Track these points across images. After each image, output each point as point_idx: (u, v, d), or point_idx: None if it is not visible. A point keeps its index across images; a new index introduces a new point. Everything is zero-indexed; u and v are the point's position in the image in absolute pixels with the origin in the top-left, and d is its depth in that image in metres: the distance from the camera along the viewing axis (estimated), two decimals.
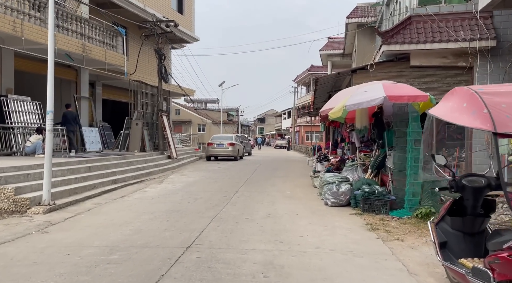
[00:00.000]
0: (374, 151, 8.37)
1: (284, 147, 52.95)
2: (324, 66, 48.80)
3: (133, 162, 13.18)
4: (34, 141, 11.22)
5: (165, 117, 18.09)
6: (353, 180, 8.40)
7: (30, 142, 11.29)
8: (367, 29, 19.24)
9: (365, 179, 7.80)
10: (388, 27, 12.71)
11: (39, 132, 11.66)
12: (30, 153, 11.22)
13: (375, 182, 7.68)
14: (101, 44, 14.10)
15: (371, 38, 19.40)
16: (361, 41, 19.63)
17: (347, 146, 13.38)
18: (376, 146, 8.29)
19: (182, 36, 23.05)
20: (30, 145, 11.24)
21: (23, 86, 13.56)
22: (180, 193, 9.56)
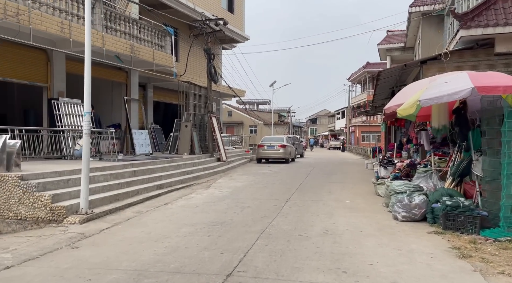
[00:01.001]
0: (454, 154, 6.94)
1: (338, 148, 50.91)
2: (381, 63, 46.18)
3: (180, 165, 12.68)
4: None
5: (214, 118, 17.56)
6: (427, 190, 7.05)
7: (79, 145, 11.15)
8: (433, 18, 17.36)
9: (445, 189, 6.43)
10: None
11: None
12: (79, 157, 11.05)
13: (459, 193, 6.29)
14: (149, 44, 13.81)
15: (438, 28, 17.47)
16: (426, 31, 17.74)
17: (413, 148, 11.82)
18: (457, 148, 6.86)
19: (232, 35, 22.50)
20: (79, 148, 11.09)
21: (74, 89, 13.62)
22: (226, 200, 8.76)
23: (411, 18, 18.54)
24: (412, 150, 12.08)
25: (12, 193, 6.57)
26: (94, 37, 11.13)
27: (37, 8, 9.53)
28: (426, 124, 8.02)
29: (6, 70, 10.69)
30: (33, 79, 11.51)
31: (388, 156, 12.64)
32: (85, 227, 6.17)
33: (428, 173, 7.44)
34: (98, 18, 11.51)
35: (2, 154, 6.88)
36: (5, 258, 4.64)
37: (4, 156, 6.91)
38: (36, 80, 11.58)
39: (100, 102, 15.79)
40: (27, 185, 6.54)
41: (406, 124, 12.40)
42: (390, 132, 19.86)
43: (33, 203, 6.48)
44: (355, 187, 11.06)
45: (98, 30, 11.41)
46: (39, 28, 9.50)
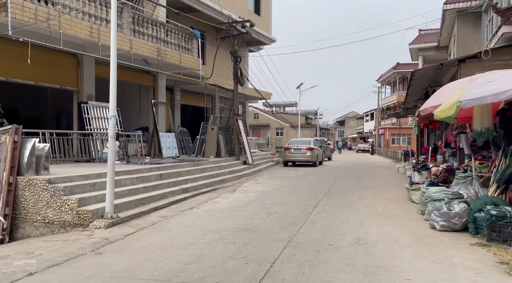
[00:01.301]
0: (498, 159, 6.41)
1: (367, 151, 49.77)
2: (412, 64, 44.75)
3: (206, 168, 12.58)
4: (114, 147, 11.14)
5: (240, 121, 17.42)
6: (468, 198, 6.55)
7: (107, 148, 11.24)
8: (470, 15, 16.55)
9: (489, 197, 5.93)
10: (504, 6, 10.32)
11: (115, 139, 11.60)
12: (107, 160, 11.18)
13: (504, 201, 5.78)
14: (176, 47, 13.84)
15: (475, 25, 16.62)
16: (462, 29, 16.91)
17: (449, 151, 11.19)
18: (501, 153, 6.33)
19: (258, 37, 22.34)
20: (107, 151, 11.19)
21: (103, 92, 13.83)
22: (252, 205, 8.54)
23: (445, 16, 17.76)
24: (448, 154, 11.46)
25: (40, 197, 6.61)
26: (122, 41, 11.23)
27: (67, 13, 9.68)
28: (465, 126, 7.50)
29: (39, 74, 10.94)
30: (64, 83, 11.74)
31: (422, 160, 12.04)
32: (110, 232, 6.10)
33: (468, 179, 6.93)
34: (126, 22, 11.61)
35: (31, 158, 6.95)
36: (29, 264, 4.60)
37: (33, 160, 6.98)
38: (66, 84, 11.81)
39: (128, 105, 15.99)
40: (54, 188, 6.56)
41: (441, 127, 11.79)
42: (423, 135, 19.07)
43: (60, 207, 6.49)
44: (387, 192, 10.57)
45: (126, 34, 11.50)
46: (68, 32, 9.64)
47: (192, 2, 17.50)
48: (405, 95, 16.57)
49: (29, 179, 6.71)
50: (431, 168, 9.84)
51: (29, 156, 6.92)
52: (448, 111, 6.06)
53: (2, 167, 6.77)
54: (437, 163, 11.51)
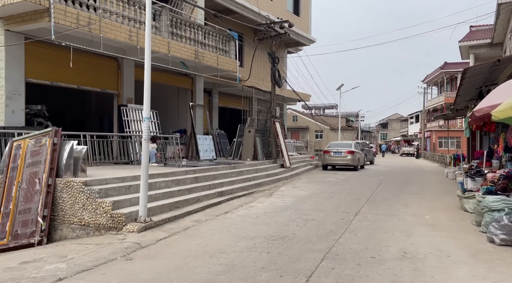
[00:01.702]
0: None
1: (411, 154, 47.60)
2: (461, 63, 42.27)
3: (242, 171, 12.36)
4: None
5: (278, 123, 17.09)
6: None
7: None
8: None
9: None
10: None
11: (153, 141, 11.69)
12: None
13: None
14: (213, 49, 13.79)
15: None
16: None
17: (506, 156, 10.20)
18: None
19: (297, 38, 21.96)
20: None
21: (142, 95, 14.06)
22: (289, 211, 8.17)
23: (500, 10, 16.44)
24: (505, 158, 10.45)
25: (77, 199, 6.65)
26: (160, 43, 11.31)
27: (108, 17, 9.85)
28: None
29: (81, 78, 11.25)
30: (105, 87, 12.01)
31: (475, 165, 11.08)
32: (142, 236, 5.98)
33: None
34: (164, 25, 11.68)
35: (69, 160, 7.03)
36: (59, 269, 4.54)
37: (71, 162, 7.06)
38: (107, 87, 12.07)
39: (167, 108, 16.18)
40: (90, 191, 6.58)
41: (497, 129, 10.81)
42: (474, 138, 17.76)
43: (95, 209, 6.49)
44: (436, 199, 9.80)
45: (164, 36, 11.57)
46: (109, 36, 9.80)
47: (230, 4, 17.48)
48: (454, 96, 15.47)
49: (67, 181, 6.78)
50: (487, 174, 8.98)
51: (67, 158, 7.00)
52: (509, 111, 5.39)
53: (42, 168, 6.90)
54: (492, 168, 10.54)
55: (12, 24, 9.03)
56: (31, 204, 6.72)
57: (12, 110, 9.31)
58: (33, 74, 9.88)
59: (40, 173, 6.88)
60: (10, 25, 9.07)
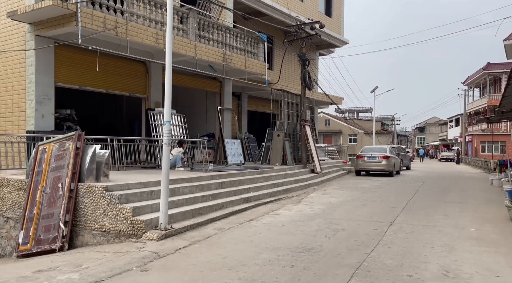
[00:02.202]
0: None
1: (451, 160, 45.35)
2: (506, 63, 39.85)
3: (270, 177, 11.98)
4: (175, 154, 11.11)
5: (308, 127, 16.58)
6: None
7: (171, 155, 11.22)
8: None
9: None
10: None
11: (180, 145, 11.57)
12: (171, 166, 11.15)
13: None
14: (241, 52, 13.55)
15: None
16: None
17: None
18: None
19: (329, 40, 21.39)
20: (171, 157, 11.17)
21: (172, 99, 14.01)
22: (317, 220, 7.69)
23: None
24: None
25: (98, 204, 6.53)
26: (187, 46, 11.19)
27: (134, 20, 9.82)
28: None
29: (109, 82, 11.32)
30: (133, 91, 12.04)
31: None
32: (161, 245, 5.74)
33: None
34: (191, 27, 11.56)
35: (92, 164, 6.95)
36: (71, 279, 4.35)
37: (93, 166, 6.97)
38: (136, 91, 12.10)
39: (195, 112, 16.11)
40: (111, 196, 6.43)
41: None
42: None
43: (115, 215, 6.33)
44: (480, 209, 8.97)
45: (191, 39, 11.44)
46: (135, 39, 9.77)
47: (259, 6, 17.23)
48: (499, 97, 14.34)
49: (89, 186, 6.68)
50: None
51: (89, 162, 6.91)
52: None
53: (64, 173, 6.84)
54: None
55: (42, 29, 9.17)
56: (54, 209, 6.67)
57: (42, 115, 9.44)
58: (62, 79, 10.01)
59: (63, 177, 6.82)
60: (40, 30, 9.22)
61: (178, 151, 11.28)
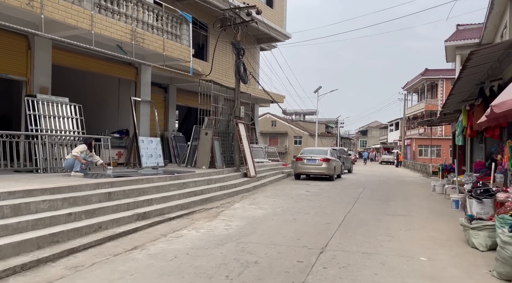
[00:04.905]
0: None
1: (391, 163, 46.11)
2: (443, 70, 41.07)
3: (188, 183, 9.85)
4: (74, 155, 8.56)
5: (242, 125, 14.65)
6: None
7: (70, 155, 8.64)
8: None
9: None
10: None
11: (86, 144, 9.02)
12: (67, 169, 8.60)
13: None
14: (159, 32, 11.27)
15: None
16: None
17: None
18: None
19: (270, 32, 19.67)
20: (69, 158, 8.60)
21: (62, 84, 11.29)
22: (227, 245, 5.70)
23: (494, 3, 14.57)
24: (511, 172, 8.32)
25: None
26: (80, 16, 8.74)
27: None
28: None
29: None
30: (7, 71, 9.30)
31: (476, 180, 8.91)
32: None
33: None
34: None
35: None
36: None
37: None
38: (11, 72, 9.36)
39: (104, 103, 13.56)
40: None
41: (502, 135, 8.69)
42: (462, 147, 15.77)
43: None
44: (428, 225, 7.51)
45: (86, 8, 8.96)
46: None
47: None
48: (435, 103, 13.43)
49: None
50: (497, 194, 6.77)
51: None
52: None
53: None
54: (496, 184, 8.39)
55: None
56: None
57: None
58: None
59: None
60: None
61: (80, 151, 8.68)
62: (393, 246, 5.81)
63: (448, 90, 34.07)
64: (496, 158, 8.78)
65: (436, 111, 39.69)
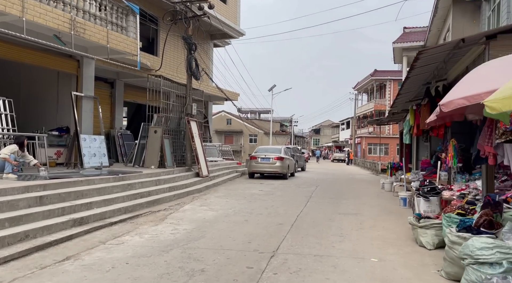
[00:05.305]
0: None
1: (342, 160, 47.45)
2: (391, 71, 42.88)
3: (134, 184, 9.25)
4: (3, 156, 7.65)
5: (194, 122, 14.16)
6: None
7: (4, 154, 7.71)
8: (468, 5, 14.12)
9: None
10: None
11: (18, 143, 8.13)
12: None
13: None
14: (103, 22, 10.51)
15: (474, 17, 14.18)
16: (458, 21, 14.39)
17: (456, 167, 8.33)
18: None
19: (223, 28, 19.24)
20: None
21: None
22: (172, 252, 5.29)
23: (438, 7, 15.24)
24: (455, 170, 8.62)
25: None
26: (8, 0, 7.83)
27: None
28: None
29: None
30: None
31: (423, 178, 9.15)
32: None
33: None
34: None
35: None
36: None
37: None
38: None
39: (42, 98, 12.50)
40: None
41: (447, 134, 8.97)
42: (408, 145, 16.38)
43: None
44: (378, 223, 7.56)
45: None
46: None
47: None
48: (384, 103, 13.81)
49: None
50: (442, 192, 6.92)
51: None
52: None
53: None
54: (441, 181, 8.66)
55: None
56: None
57: None
58: None
59: None
60: None
61: (10, 152, 7.77)
62: (344, 247, 5.70)
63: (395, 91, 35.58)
64: (440, 156, 9.06)
65: (384, 110, 41.40)
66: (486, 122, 5.26)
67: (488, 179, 6.05)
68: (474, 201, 5.52)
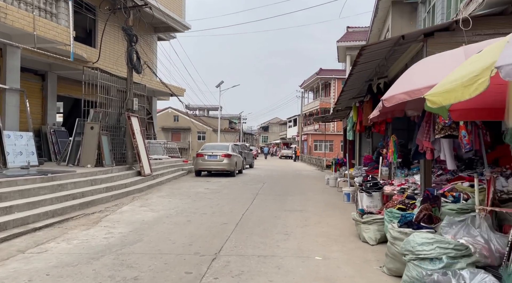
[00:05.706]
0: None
1: (290, 157, 48.25)
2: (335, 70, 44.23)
3: (66, 185, 8.46)
4: None
5: (135, 118, 13.40)
6: (477, 252, 3.64)
7: None
8: (406, 6, 14.78)
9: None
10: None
11: None
12: None
13: None
14: (28, 7, 9.50)
15: (411, 18, 14.88)
16: (397, 22, 15.01)
17: (396, 162, 8.58)
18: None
19: (167, 20, 18.48)
20: None
21: None
22: (104, 258, 4.80)
23: (378, 8, 15.79)
24: (395, 165, 8.89)
25: None
26: None
27: None
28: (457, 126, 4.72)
29: None
30: None
31: (365, 174, 9.34)
32: None
33: (469, 216, 4.04)
34: None
35: None
36: None
37: None
38: None
39: None
40: None
41: (387, 131, 9.21)
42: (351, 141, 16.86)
43: None
44: (323, 220, 7.54)
45: None
46: None
47: None
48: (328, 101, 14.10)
49: None
50: (383, 187, 7.03)
51: None
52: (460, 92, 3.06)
53: None
54: (382, 177, 8.86)
55: None
56: None
57: None
58: None
59: None
60: None
61: None
62: (289, 246, 5.55)
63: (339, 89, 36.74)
64: (382, 152, 9.29)
65: (329, 108, 42.62)
66: (425, 118, 5.36)
67: (426, 174, 6.23)
68: (413, 195, 5.62)
